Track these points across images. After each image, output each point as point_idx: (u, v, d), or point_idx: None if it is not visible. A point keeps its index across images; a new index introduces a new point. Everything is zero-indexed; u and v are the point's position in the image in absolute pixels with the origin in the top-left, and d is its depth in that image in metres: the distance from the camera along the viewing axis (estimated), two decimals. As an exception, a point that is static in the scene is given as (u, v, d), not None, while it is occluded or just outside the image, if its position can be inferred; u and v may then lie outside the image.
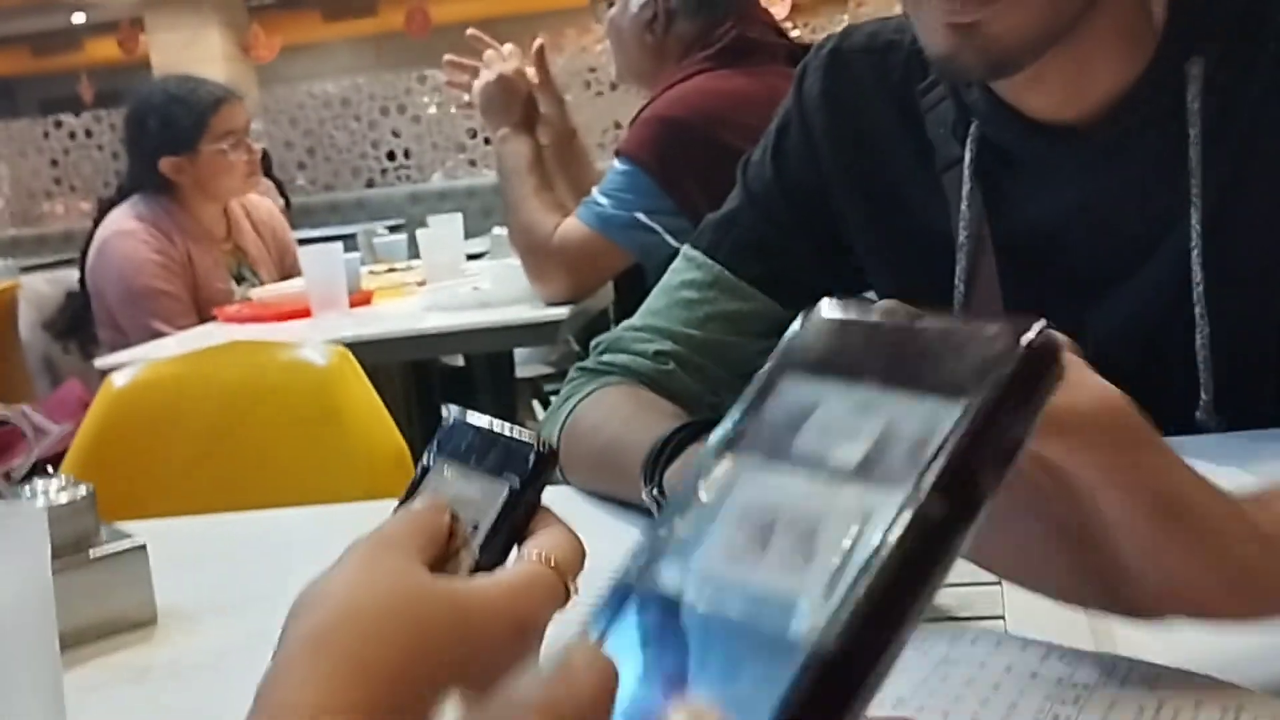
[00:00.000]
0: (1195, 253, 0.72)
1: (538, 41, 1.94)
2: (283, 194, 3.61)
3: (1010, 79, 0.72)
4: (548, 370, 3.59)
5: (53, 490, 0.60)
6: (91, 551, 0.60)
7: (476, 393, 2.71)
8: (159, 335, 2.17)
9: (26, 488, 0.60)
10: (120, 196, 2.36)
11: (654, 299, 0.91)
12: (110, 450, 1.10)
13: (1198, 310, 0.73)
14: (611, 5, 1.83)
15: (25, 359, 2.44)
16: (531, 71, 1.89)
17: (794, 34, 2.04)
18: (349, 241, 4.91)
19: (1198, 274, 0.73)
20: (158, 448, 1.10)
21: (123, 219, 2.29)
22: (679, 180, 1.68)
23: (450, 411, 0.44)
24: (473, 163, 7.91)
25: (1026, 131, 0.76)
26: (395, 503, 0.42)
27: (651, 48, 1.79)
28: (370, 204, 7.55)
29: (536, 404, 3.74)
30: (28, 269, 4.25)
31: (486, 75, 1.85)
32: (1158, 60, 0.72)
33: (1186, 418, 0.75)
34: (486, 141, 7.29)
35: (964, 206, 0.79)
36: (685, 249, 0.93)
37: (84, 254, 2.34)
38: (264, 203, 2.58)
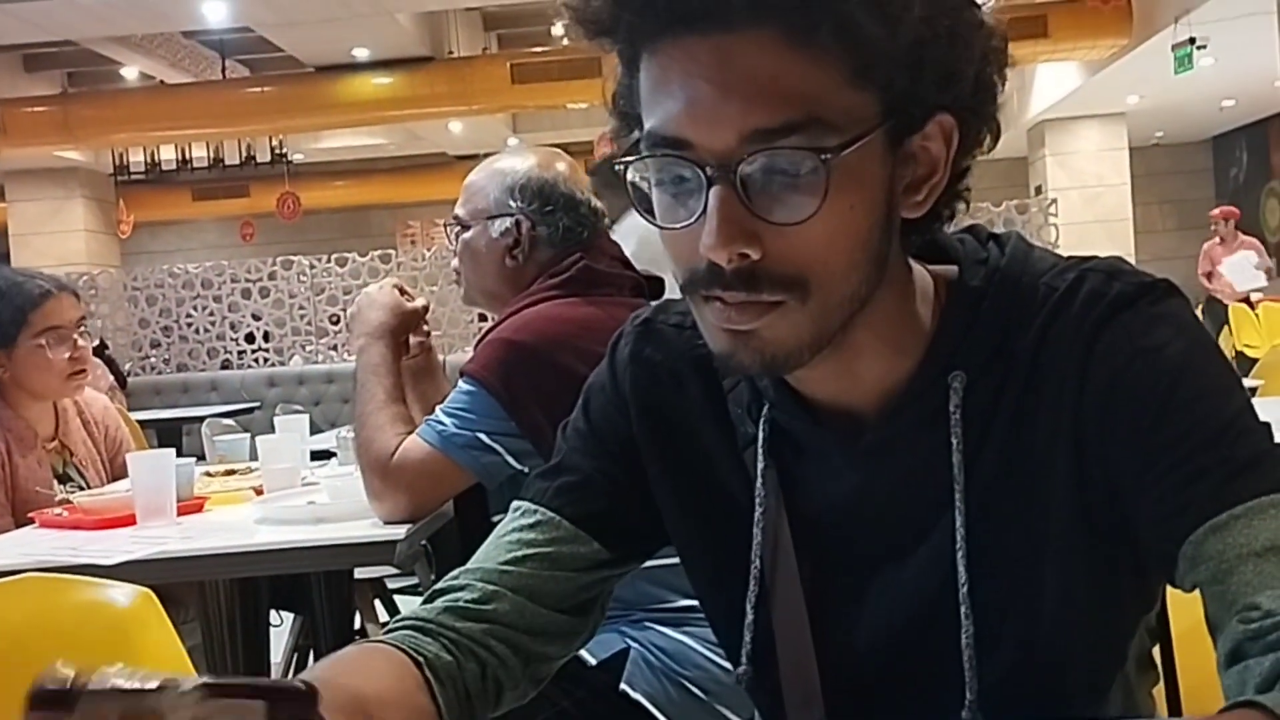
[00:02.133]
0: (959, 553, 0.76)
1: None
2: (115, 373, 3.51)
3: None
4: (391, 570, 3.49)
5: None
6: None
7: (311, 595, 2.61)
8: (-31, 538, 2.05)
9: None
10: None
11: (481, 551, 0.90)
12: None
13: (963, 610, 0.76)
14: (460, 228, 1.87)
15: None
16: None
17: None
18: (194, 424, 4.75)
19: (962, 574, 0.76)
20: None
21: (-58, 415, 2.18)
22: (522, 402, 1.69)
23: None
24: (334, 348, 7.85)
25: (810, 419, 0.80)
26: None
27: (511, 271, 1.83)
28: (225, 385, 7.38)
29: (379, 605, 3.62)
30: None
31: (368, 289, 1.90)
32: (922, 369, 0.77)
33: (954, 714, 0.77)
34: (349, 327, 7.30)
35: (759, 484, 0.82)
36: (514, 502, 0.93)
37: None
38: (99, 399, 2.50)
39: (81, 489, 2.29)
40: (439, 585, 0.87)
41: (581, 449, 0.91)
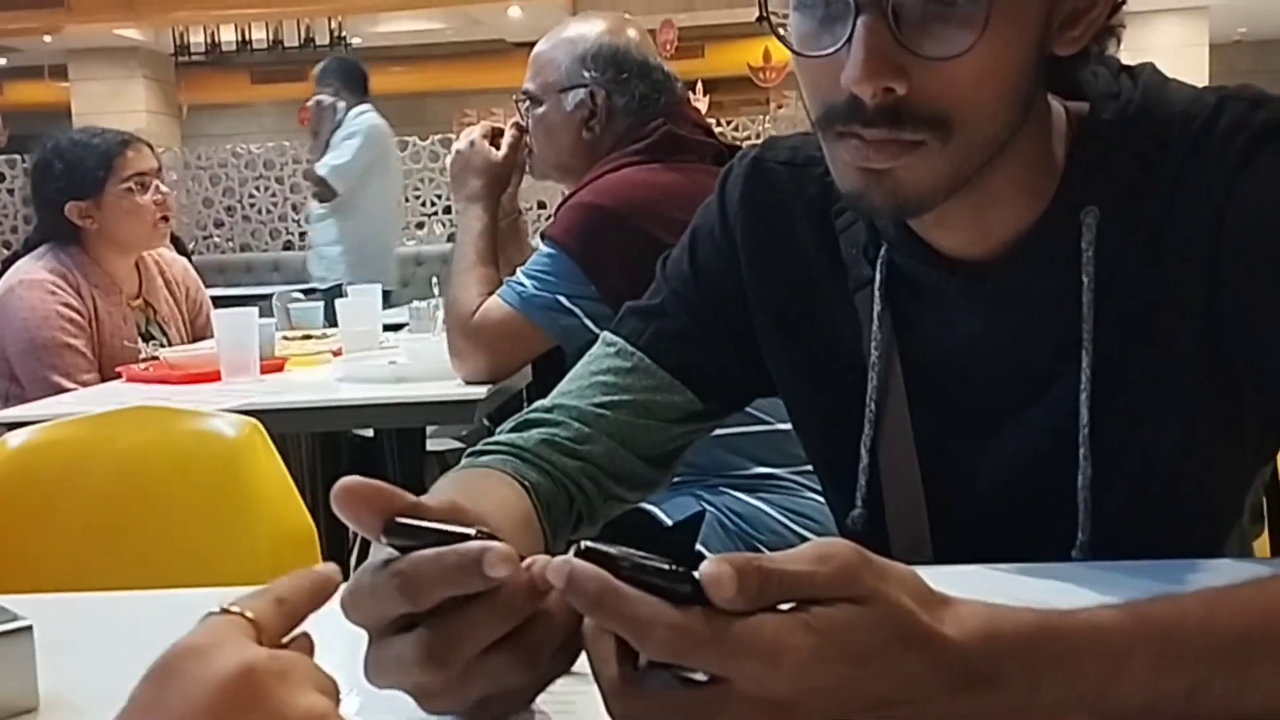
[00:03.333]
0: (1084, 395, 0.75)
1: (514, 119, 1.95)
2: (180, 250, 3.56)
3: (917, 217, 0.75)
4: (458, 445, 3.55)
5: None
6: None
7: (385, 465, 2.67)
8: (58, 390, 2.11)
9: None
10: (28, 247, 2.30)
11: (570, 381, 0.91)
12: (2, 513, 1.05)
13: (1081, 452, 0.75)
14: (531, 103, 1.85)
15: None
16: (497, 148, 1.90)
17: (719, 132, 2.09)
18: (263, 303, 4.84)
19: (1084, 416, 0.75)
20: (53, 513, 1.06)
21: (30, 269, 2.23)
22: (602, 267, 1.69)
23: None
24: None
25: (932, 263, 0.79)
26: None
27: (587, 144, 1.81)
28: (287, 266, 7.45)
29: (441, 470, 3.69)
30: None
31: (457, 144, 1.88)
32: (1054, 208, 0.75)
33: (1062, 555, 0.77)
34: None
35: (875, 327, 0.81)
36: (605, 335, 0.93)
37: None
38: (179, 260, 2.54)
39: (165, 346, 2.35)
40: (531, 415, 0.88)
41: (684, 294, 0.90)
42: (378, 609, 0.51)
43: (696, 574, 0.46)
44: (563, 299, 1.70)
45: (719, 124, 7.99)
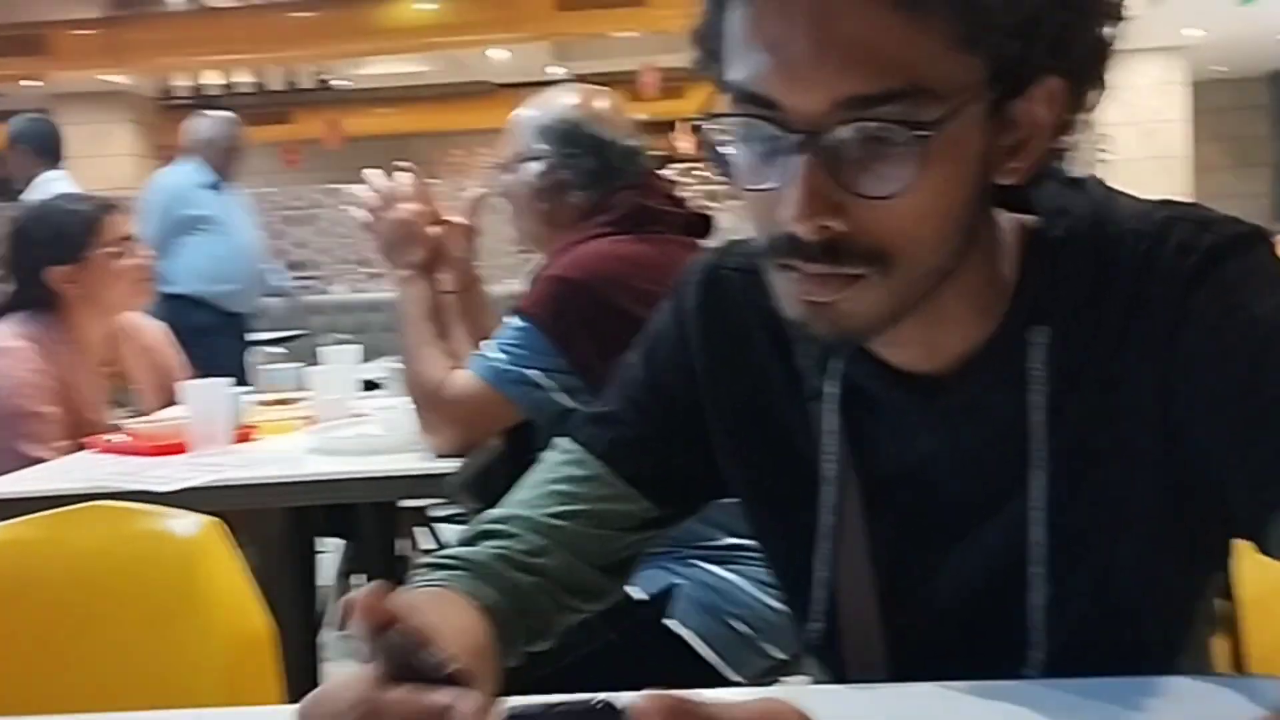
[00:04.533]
0: (1036, 514, 0.74)
1: (477, 190, 1.95)
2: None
3: None
4: (430, 501, 3.54)
5: None
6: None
7: (357, 521, 2.66)
8: (28, 458, 2.09)
9: None
10: (3, 313, 2.28)
11: (525, 490, 0.90)
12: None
13: (1037, 571, 0.75)
14: (504, 170, 1.86)
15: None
16: (442, 213, 1.88)
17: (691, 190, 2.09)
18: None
19: (1039, 535, 0.74)
20: (2, 619, 1.04)
21: (4, 336, 2.22)
22: (573, 339, 1.69)
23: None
24: (376, 276, 7.88)
25: (886, 378, 0.78)
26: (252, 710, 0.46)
27: (544, 214, 1.82)
28: (268, 313, 7.43)
29: (418, 531, 3.68)
30: None
31: (389, 215, 1.84)
32: (1004, 327, 0.75)
33: (1017, 670, 0.77)
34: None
35: (830, 441, 0.80)
36: (562, 442, 0.92)
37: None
38: (151, 326, 2.53)
39: (136, 414, 2.33)
40: (485, 526, 0.86)
41: (639, 400, 0.89)
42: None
43: (619, 707, 0.47)
44: (534, 372, 1.70)
45: (700, 164, 8.03)
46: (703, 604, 1.65)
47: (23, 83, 10.70)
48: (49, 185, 4.22)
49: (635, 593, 1.63)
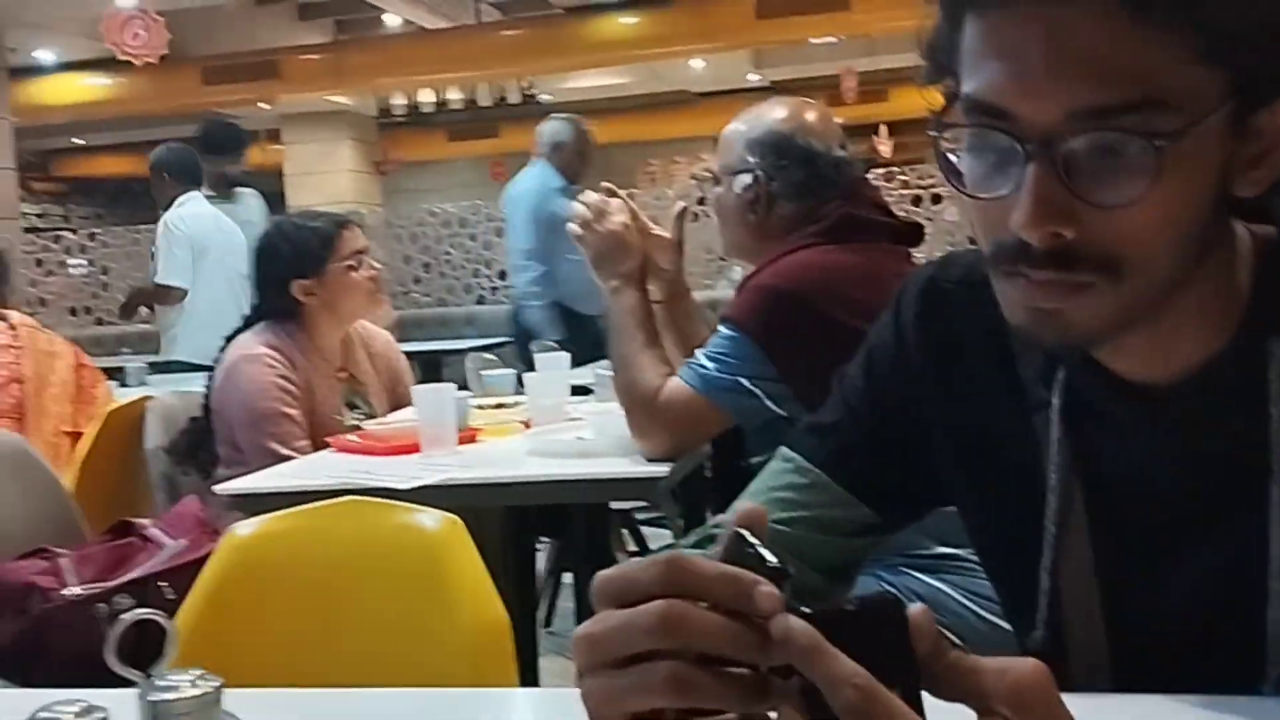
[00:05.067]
0: (1274, 529, 0.73)
1: (679, 204, 2.02)
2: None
3: None
4: (640, 503, 3.62)
5: (184, 684, 0.65)
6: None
7: (569, 521, 2.76)
8: (276, 456, 2.27)
9: (161, 680, 0.65)
10: (247, 324, 2.49)
11: (747, 497, 0.93)
12: (228, 598, 1.16)
13: (1272, 585, 0.73)
14: (715, 182, 1.90)
15: (147, 473, 2.56)
16: (650, 225, 1.95)
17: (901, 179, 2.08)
18: (455, 357, 5.00)
19: (1276, 547, 0.73)
20: (271, 601, 1.16)
21: (250, 344, 2.41)
22: (782, 348, 1.72)
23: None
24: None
25: (1112, 389, 0.78)
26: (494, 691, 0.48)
27: (753, 226, 1.86)
28: (479, 320, 7.75)
29: (626, 533, 3.77)
30: (156, 365, 4.57)
31: (600, 227, 1.92)
32: (1238, 338, 0.73)
33: (1250, 686, 0.75)
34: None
35: (1055, 450, 0.81)
36: (783, 451, 0.95)
37: (210, 376, 2.46)
38: (380, 334, 2.70)
39: (367, 416, 2.50)
40: (712, 531, 0.91)
41: (859, 409, 0.91)
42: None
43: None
44: (743, 380, 1.74)
45: (902, 169, 7.91)
46: (912, 612, 1.65)
47: (260, 105, 11.48)
48: (185, 206, 4.51)
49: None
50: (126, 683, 0.70)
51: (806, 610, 0.46)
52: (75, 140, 14.02)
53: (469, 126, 13.33)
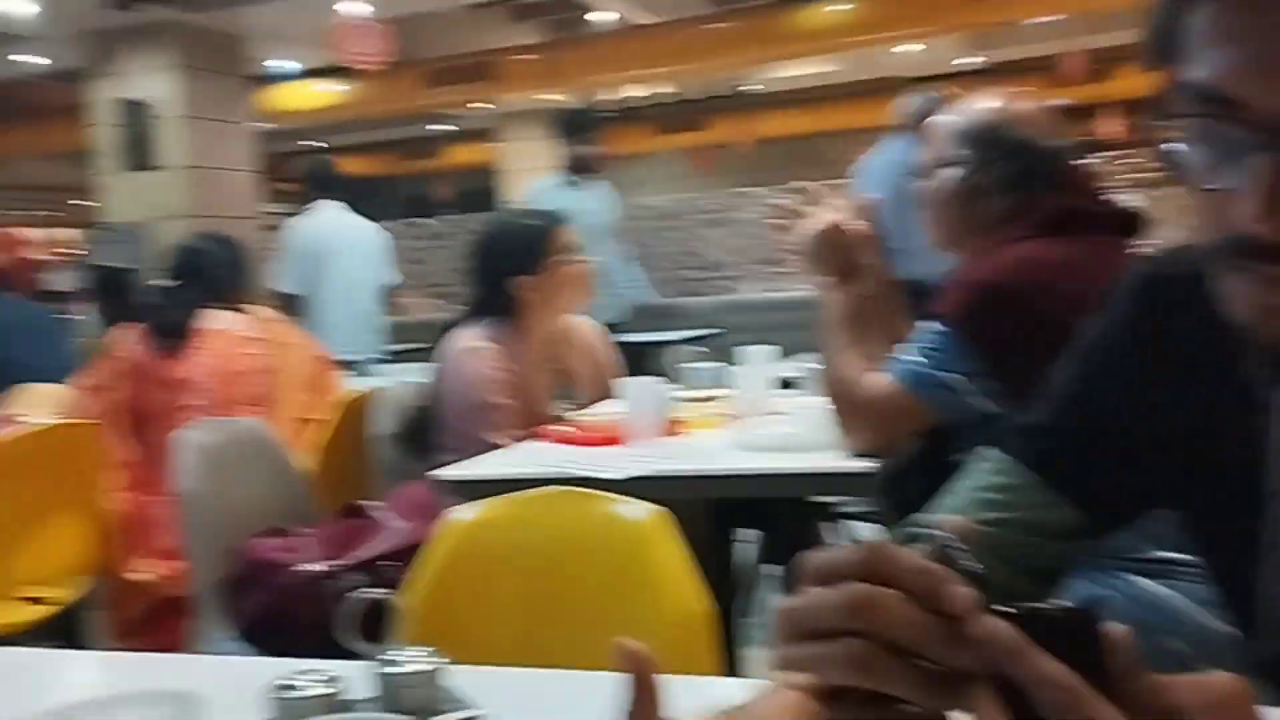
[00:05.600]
0: None
1: (873, 195, 2.00)
2: None
3: None
4: (845, 497, 3.59)
5: (410, 659, 0.70)
6: (434, 718, 0.70)
7: (774, 514, 2.77)
8: (490, 445, 2.37)
9: (389, 655, 0.70)
10: (467, 317, 2.60)
11: (955, 497, 0.93)
12: (447, 579, 1.23)
13: None
14: (927, 176, 1.87)
15: (375, 459, 2.72)
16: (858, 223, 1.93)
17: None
18: (661, 348, 5.10)
19: None
20: (486, 583, 1.22)
21: (471, 337, 2.53)
22: (993, 344, 1.68)
23: None
24: (785, 275, 8.05)
25: None
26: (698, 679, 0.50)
27: (962, 219, 1.82)
28: (686, 313, 7.83)
29: (825, 527, 3.75)
30: (394, 354, 4.89)
31: (812, 225, 1.92)
32: None
33: None
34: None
35: (1277, 453, 0.77)
36: (991, 452, 0.94)
37: (432, 367, 2.60)
38: (588, 326, 2.78)
39: (576, 407, 2.58)
40: (914, 529, 0.90)
41: (1072, 408, 0.89)
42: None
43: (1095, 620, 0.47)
44: (951, 376, 1.71)
45: (1134, 149, 7.53)
46: (1135, 619, 1.58)
47: (469, 105, 11.92)
48: (309, 215, 4.89)
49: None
50: (359, 654, 0.76)
51: (1007, 609, 0.47)
52: (311, 143, 14.94)
53: (677, 119, 13.47)
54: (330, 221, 4.90)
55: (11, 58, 9.27)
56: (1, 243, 4.69)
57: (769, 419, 2.19)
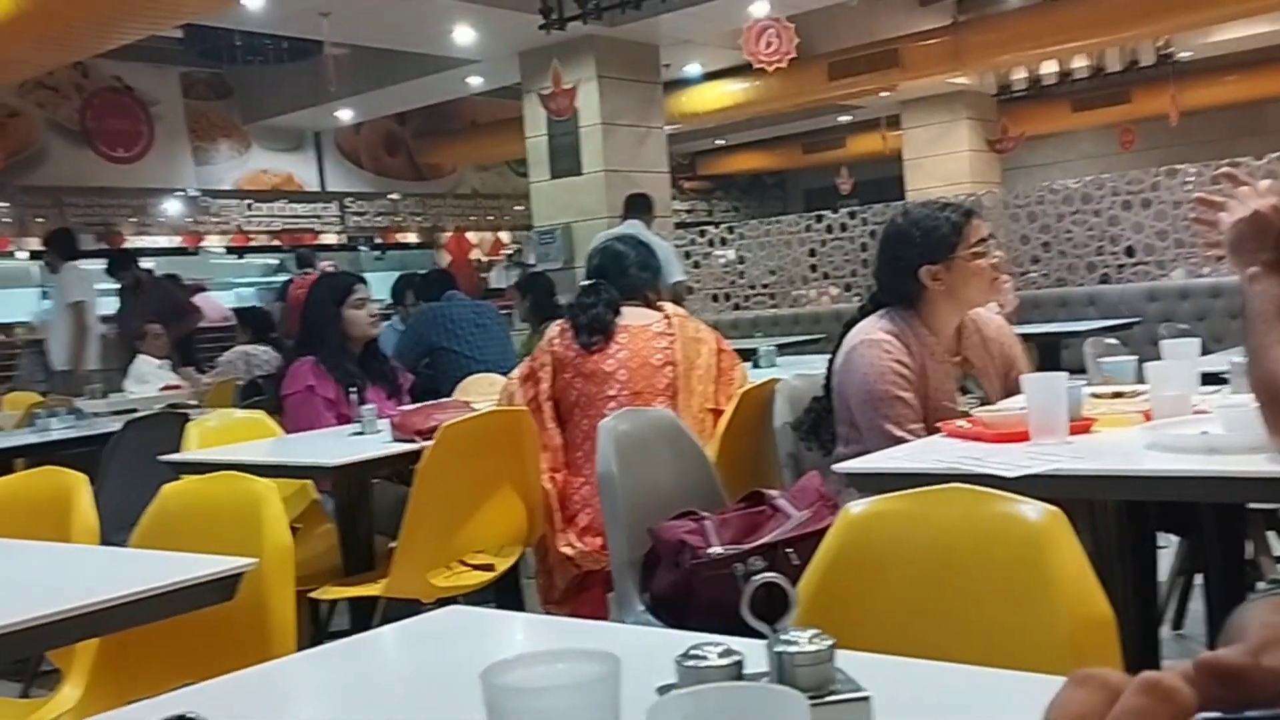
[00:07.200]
0: None
1: None
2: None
3: None
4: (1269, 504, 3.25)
5: (805, 640, 0.76)
6: (826, 697, 0.75)
7: (1200, 521, 2.57)
8: (890, 437, 2.39)
9: (785, 635, 0.76)
10: (864, 312, 2.63)
11: None
12: (842, 569, 1.28)
13: None
14: None
15: (775, 448, 2.82)
16: None
17: None
18: (1076, 340, 4.84)
19: None
20: (879, 575, 1.26)
21: (871, 329, 2.56)
22: None
23: None
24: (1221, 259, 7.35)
25: None
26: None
27: None
28: (1102, 300, 7.37)
29: (1272, 536, 3.40)
30: (783, 346, 4.97)
31: (1238, 211, 1.78)
32: None
33: None
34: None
35: None
36: None
37: (831, 359, 2.65)
38: (994, 318, 2.71)
39: (980, 401, 2.53)
40: None
41: None
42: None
43: None
44: None
45: None
46: None
47: (874, 94, 11.86)
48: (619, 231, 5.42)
49: None
50: (755, 633, 0.83)
51: None
52: (717, 141, 15.48)
53: (1095, 95, 12.65)
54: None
55: (466, 80, 10.36)
56: (453, 246, 5.36)
57: (1189, 419, 2.05)
